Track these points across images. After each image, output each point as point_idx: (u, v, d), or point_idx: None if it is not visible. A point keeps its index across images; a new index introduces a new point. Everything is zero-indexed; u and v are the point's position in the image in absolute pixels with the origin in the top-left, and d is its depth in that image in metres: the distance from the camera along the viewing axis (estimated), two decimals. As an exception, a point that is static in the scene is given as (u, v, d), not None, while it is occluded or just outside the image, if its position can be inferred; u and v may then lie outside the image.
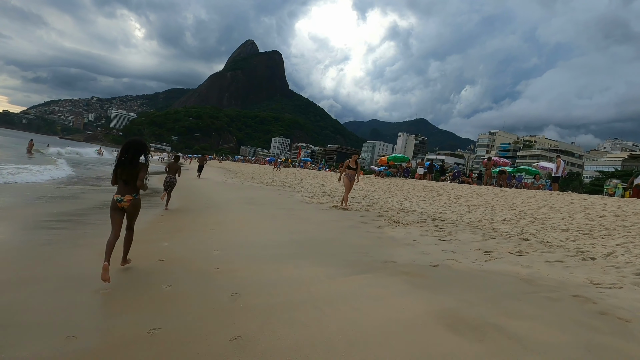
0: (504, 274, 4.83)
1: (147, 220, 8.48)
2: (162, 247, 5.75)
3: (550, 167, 20.25)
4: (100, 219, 7.69)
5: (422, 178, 26.62)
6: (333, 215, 9.85)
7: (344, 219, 9.20)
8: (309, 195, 15.59)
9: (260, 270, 4.63)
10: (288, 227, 7.87)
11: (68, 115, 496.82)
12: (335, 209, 11.32)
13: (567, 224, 8.77)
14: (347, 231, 7.62)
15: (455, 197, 14.78)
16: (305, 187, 19.73)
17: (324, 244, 6.28)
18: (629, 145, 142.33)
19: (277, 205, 12.11)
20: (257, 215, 9.56)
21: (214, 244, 6.03)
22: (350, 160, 11.77)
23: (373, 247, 6.11)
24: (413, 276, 4.57)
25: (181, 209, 10.73)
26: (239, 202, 12.81)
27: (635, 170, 68.14)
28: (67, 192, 12.68)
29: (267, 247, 5.89)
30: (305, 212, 10.56)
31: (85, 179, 19.32)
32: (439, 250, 6.03)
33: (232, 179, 26.81)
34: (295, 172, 34.43)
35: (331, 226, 8.19)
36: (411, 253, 5.79)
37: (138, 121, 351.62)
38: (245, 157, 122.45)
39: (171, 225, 7.86)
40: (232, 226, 7.89)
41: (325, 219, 9.32)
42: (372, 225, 8.37)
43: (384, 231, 7.71)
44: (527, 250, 6.22)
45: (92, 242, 5.73)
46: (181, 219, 8.93)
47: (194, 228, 7.64)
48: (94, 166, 31.82)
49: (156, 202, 11.50)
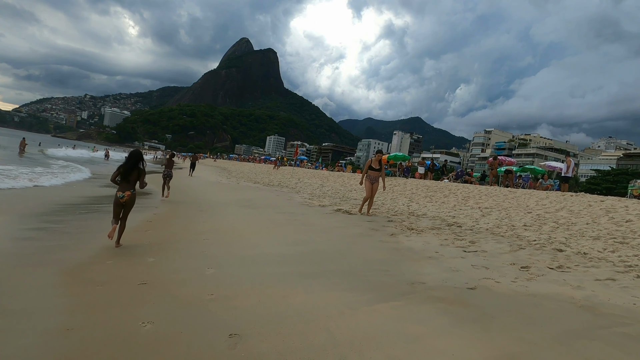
0: (557, 298, 4.02)
1: (134, 227, 7.60)
2: (147, 264, 4.89)
3: (558, 166, 19.55)
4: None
5: (423, 177, 25.87)
6: (338, 221, 9.01)
7: (351, 225, 8.36)
8: (309, 197, 14.74)
9: (264, 298, 3.78)
10: (291, 236, 7.02)
11: (61, 113, 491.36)
12: (339, 212, 10.48)
13: (595, 231, 8.00)
14: (358, 241, 6.78)
15: (464, 199, 14.01)
16: (304, 188, 18.88)
17: (335, 258, 5.44)
18: (623, 144, 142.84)
19: (277, 208, 11.25)
20: (256, 221, 8.70)
21: (208, 259, 5.17)
22: (373, 160, 10.22)
23: (393, 262, 5.28)
24: (451, 303, 3.75)
25: (173, 212, 9.86)
26: (235, 204, 11.93)
27: (631, 168, 67.98)
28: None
29: (270, 263, 5.04)
30: (308, 216, 9.72)
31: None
32: (469, 266, 5.22)
33: (228, 179, 25.90)
34: (292, 171, 33.54)
35: (339, 234, 7.35)
36: (438, 270, 4.96)
37: (132, 119, 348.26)
38: (240, 156, 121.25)
39: (160, 234, 6.98)
40: (228, 235, 7.02)
41: (330, 224, 8.48)
42: (383, 233, 7.55)
43: (399, 240, 6.89)
44: (568, 265, 5.42)
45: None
46: (171, 225, 8.05)
47: (185, 237, 6.76)
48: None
49: (146, 206, 10.62)
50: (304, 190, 17.79)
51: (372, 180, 10.04)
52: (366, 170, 10.17)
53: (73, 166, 25.13)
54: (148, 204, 11.42)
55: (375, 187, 10.09)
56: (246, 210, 10.49)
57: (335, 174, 30.75)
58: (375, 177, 10.07)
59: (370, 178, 10.02)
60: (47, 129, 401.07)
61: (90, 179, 18.60)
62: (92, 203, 10.68)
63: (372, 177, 10.03)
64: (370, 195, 10.05)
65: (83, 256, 5.08)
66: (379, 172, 10.14)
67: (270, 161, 73.64)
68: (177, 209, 10.58)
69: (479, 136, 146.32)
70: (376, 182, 10.09)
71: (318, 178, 26.24)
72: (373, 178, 10.04)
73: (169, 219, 8.87)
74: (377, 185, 10.13)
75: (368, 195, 10.06)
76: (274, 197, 14.67)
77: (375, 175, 10.07)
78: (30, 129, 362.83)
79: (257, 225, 8.16)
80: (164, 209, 10.35)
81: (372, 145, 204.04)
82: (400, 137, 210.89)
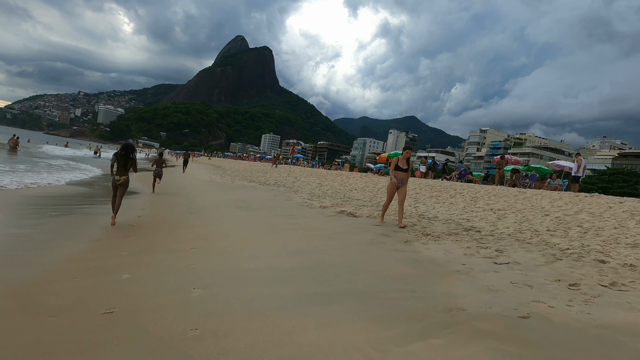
0: (634, 332, 3.17)
1: (113, 231, 6.69)
2: (119, 283, 3.99)
3: (567, 165, 18.77)
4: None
5: (424, 177, 25.08)
6: (343, 225, 8.14)
7: (358, 230, 7.49)
8: (308, 197, 13.85)
9: (264, 334, 2.89)
10: (293, 244, 6.13)
11: (54, 111, 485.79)
12: (343, 215, 9.60)
13: (629, 237, 7.19)
14: (370, 249, 5.91)
15: (472, 200, 13.20)
16: (301, 187, 17.99)
17: (347, 273, 4.55)
18: (617, 143, 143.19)
19: (275, 210, 10.36)
20: (251, 226, 7.79)
21: (195, 275, 4.28)
22: (400, 157, 8.47)
23: (417, 279, 4.42)
24: (505, 341, 2.89)
25: (159, 215, 8.96)
26: (229, 206, 11.02)
27: (626, 168, 67.76)
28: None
29: (269, 281, 4.15)
30: (309, 219, 8.83)
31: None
32: (507, 283, 4.36)
33: (222, 177, 24.94)
34: (289, 169, 32.61)
35: (346, 241, 6.47)
36: (474, 289, 4.10)
37: (126, 117, 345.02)
38: (235, 154, 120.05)
39: (141, 241, 6.08)
40: (220, 243, 6.11)
41: (335, 229, 7.60)
42: (396, 239, 6.69)
43: (416, 249, 6.03)
44: (622, 282, 4.58)
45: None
46: (156, 230, 7.14)
47: (170, 246, 5.85)
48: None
49: (131, 206, 9.71)
50: (302, 189, 16.89)
51: (398, 183, 8.38)
52: (392, 170, 8.49)
53: (71, 165, 24.13)
54: (134, 204, 10.50)
55: (403, 192, 8.35)
56: (241, 213, 9.59)
57: (333, 173, 29.90)
58: (403, 180, 8.38)
59: (397, 180, 8.38)
60: (40, 126, 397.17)
61: (84, 179, 17.60)
62: (69, 203, 9.74)
63: (398, 179, 8.38)
64: (390, 200, 8.56)
65: (40, 272, 4.18)
66: (407, 173, 8.44)
67: (265, 159, 72.74)
68: (165, 211, 9.67)
69: (474, 135, 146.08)
70: (403, 186, 8.38)
71: (316, 177, 25.37)
72: (400, 180, 8.37)
73: (155, 222, 7.95)
74: (405, 190, 8.40)
75: (389, 200, 8.54)
76: (271, 197, 13.76)
77: (403, 177, 8.38)
78: (23, 126, 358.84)
79: (253, 230, 7.26)
80: (150, 211, 9.44)
81: (368, 144, 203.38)
82: (395, 136, 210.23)
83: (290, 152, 43.82)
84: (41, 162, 23.11)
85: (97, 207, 9.67)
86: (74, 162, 27.59)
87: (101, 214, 8.49)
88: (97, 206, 9.78)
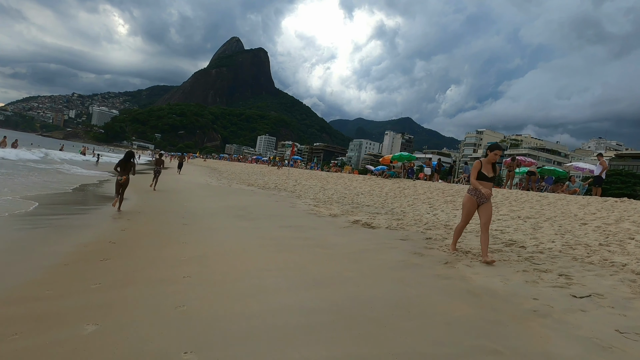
0: None
1: (85, 253, 5.47)
2: (76, 342, 2.79)
3: (587, 167, 17.70)
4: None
5: (429, 179, 23.96)
6: (363, 239, 6.96)
7: (383, 247, 6.32)
8: (313, 203, 12.67)
9: None
10: (309, 268, 4.94)
11: (47, 112, 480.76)
12: (358, 225, 8.42)
13: (702, 253, 6.08)
14: (407, 276, 4.74)
15: (494, 206, 12.06)
16: (304, 191, 16.81)
17: (393, 317, 3.36)
18: (613, 144, 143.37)
19: (279, 219, 9.16)
20: (255, 241, 6.58)
21: (187, 327, 3.08)
22: (483, 162, 5.70)
23: (488, 325, 3.24)
24: None
25: (147, 227, 7.74)
26: (227, 214, 9.80)
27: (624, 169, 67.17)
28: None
29: (291, 335, 2.96)
30: (321, 231, 7.65)
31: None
32: (613, 332, 3.20)
33: (218, 181, 23.68)
34: (288, 171, 31.39)
35: (374, 263, 5.29)
36: (579, 346, 2.93)
37: (120, 118, 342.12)
38: (230, 156, 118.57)
39: (120, 266, 4.87)
40: (219, 268, 4.90)
41: (355, 245, 6.42)
42: (432, 260, 5.52)
43: (463, 273, 4.86)
44: None
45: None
46: (141, 248, 5.91)
47: (156, 274, 4.61)
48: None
49: (114, 215, 8.49)
50: (305, 194, 15.71)
51: (479, 199, 5.68)
52: (474, 180, 5.65)
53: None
54: (121, 212, 9.25)
55: (488, 211, 5.59)
56: (241, 223, 8.37)
57: (334, 175, 28.73)
58: (487, 195, 5.50)
59: (477, 195, 5.67)
60: (34, 128, 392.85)
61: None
62: (42, 213, 8.48)
63: (478, 195, 5.66)
64: (467, 222, 5.91)
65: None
66: (492, 182, 5.72)
67: (262, 161, 71.46)
68: (154, 221, 8.45)
69: (470, 136, 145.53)
70: (488, 202, 5.66)
71: (316, 180, 24.19)
72: (480, 197, 5.64)
73: (141, 236, 6.72)
74: (491, 209, 5.63)
75: (465, 222, 5.90)
76: (273, 203, 12.56)
77: (489, 189, 5.52)
78: (16, 127, 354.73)
79: (259, 248, 6.04)
80: (137, 221, 8.21)
81: (364, 146, 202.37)
82: (391, 137, 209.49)
83: (289, 153, 42.61)
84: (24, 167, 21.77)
85: (74, 217, 8.41)
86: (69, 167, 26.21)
87: (77, 227, 7.26)
88: (76, 216, 8.53)
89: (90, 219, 8.14)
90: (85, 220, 7.96)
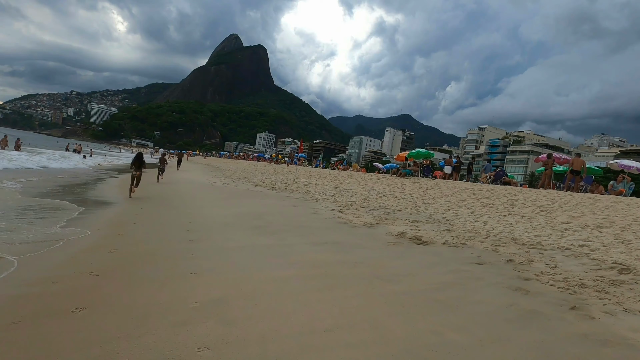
0: None
1: (49, 297, 3.83)
2: None
3: (634, 165, 16.04)
4: None
5: (447, 178, 22.29)
6: (427, 263, 5.31)
7: (464, 278, 4.67)
8: (336, 207, 11.01)
9: None
10: (389, 327, 3.26)
11: (46, 110, 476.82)
12: (404, 239, 6.78)
13: None
14: (539, 338, 3.09)
15: (542, 211, 10.40)
16: (319, 193, 15.15)
17: None
18: (616, 140, 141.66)
19: (306, 231, 7.49)
20: (289, 269, 4.88)
21: None
22: None
23: None
24: None
25: (143, 246, 6.06)
26: (241, 225, 8.11)
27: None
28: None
29: None
30: (367, 250, 5.99)
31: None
32: None
33: (222, 180, 21.99)
34: (296, 170, 29.67)
35: (473, 310, 3.64)
36: None
37: (119, 116, 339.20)
38: (231, 153, 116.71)
39: (99, 321, 3.21)
40: (251, 330, 3.16)
41: (425, 275, 4.77)
42: (549, 302, 3.87)
43: (614, 330, 3.23)
44: None
45: None
46: (133, 284, 4.23)
47: (154, 344, 2.94)
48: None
49: (102, 228, 6.82)
50: (322, 196, 14.05)
51: None
52: None
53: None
54: (112, 220, 7.53)
55: None
56: (263, 240, 6.68)
57: (344, 174, 27.07)
58: None
59: None
60: (32, 126, 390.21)
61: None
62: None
63: None
64: None
65: None
66: None
67: (263, 158, 70.01)
68: (152, 237, 6.75)
69: (472, 133, 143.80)
70: None
71: (327, 179, 22.52)
72: None
73: (133, 265, 5.00)
74: None
75: None
76: (291, 208, 10.88)
77: None
78: (14, 125, 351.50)
79: (299, 283, 4.37)
80: (132, 236, 6.54)
81: (364, 142, 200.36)
82: (392, 134, 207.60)
83: (297, 150, 40.89)
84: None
85: (52, 221, 6.73)
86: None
87: (53, 242, 5.59)
88: (55, 224, 6.84)
89: (73, 232, 6.46)
90: (66, 233, 6.29)
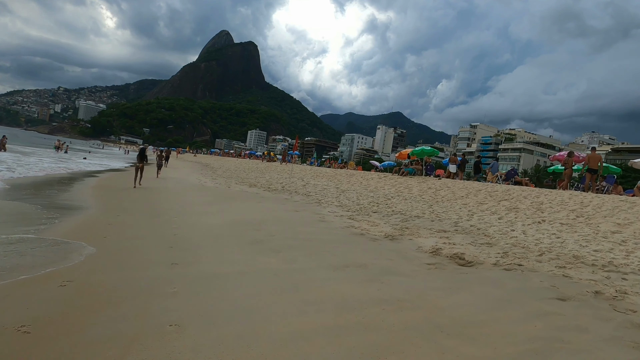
0: None
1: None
2: None
3: (661, 164, 15.04)
4: None
5: (452, 177, 21.04)
6: (492, 300, 3.98)
7: (558, 330, 3.35)
8: (346, 213, 9.64)
9: None
10: None
11: (32, 106, 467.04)
12: (444, 259, 5.46)
13: None
14: None
15: (577, 216, 9.15)
16: (321, 194, 13.77)
17: None
18: (606, 138, 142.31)
19: (318, 247, 6.11)
20: (310, 316, 3.46)
21: None
22: None
23: None
24: None
25: (104, 277, 4.61)
26: (237, 238, 6.68)
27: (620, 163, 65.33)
28: None
29: None
30: (404, 279, 4.64)
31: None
32: None
33: (213, 179, 20.48)
34: (291, 168, 28.21)
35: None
36: None
37: (107, 112, 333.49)
38: (222, 150, 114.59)
39: None
40: None
41: (501, 325, 3.44)
42: None
43: None
44: None
45: None
46: (80, 344, 2.81)
47: None
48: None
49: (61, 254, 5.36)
50: (325, 198, 12.67)
51: None
52: None
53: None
54: (79, 232, 6.04)
55: None
56: (267, 260, 5.26)
57: (341, 172, 25.73)
58: None
59: None
60: (18, 122, 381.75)
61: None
62: None
63: None
64: None
65: None
66: None
67: (255, 156, 68.59)
68: (121, 259, 5.25)
69: (464, 131, 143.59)
70: None
71: (325, 178, 21.16)
72: None
73: (87, 309, 3.54)
74: None
75: None
76: (293, 214, 9.48)
77: None
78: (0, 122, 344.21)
79: (324, 341, 3.00)
80: (94, 259, 5.07)
81: (356, 140, 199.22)
82: (384, 131, 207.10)
83: (290, 147, 39.41)
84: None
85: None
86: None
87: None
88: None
89: (15, 259, 4.99)
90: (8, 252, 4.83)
